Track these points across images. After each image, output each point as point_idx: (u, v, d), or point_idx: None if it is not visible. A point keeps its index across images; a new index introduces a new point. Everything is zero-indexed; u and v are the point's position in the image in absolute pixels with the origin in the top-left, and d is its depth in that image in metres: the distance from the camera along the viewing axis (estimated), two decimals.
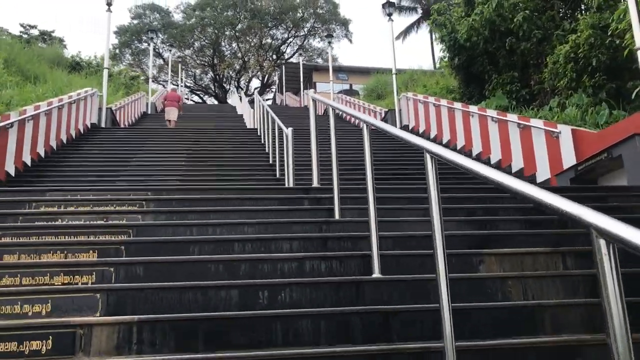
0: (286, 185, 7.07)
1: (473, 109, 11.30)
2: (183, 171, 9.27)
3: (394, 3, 16.24)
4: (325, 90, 37.49)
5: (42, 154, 9.97)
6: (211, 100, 49.69)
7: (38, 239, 4.07)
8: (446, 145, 11.59)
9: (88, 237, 4.14)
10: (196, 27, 45.12)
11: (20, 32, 27.16)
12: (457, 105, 12.03)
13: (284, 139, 8.07)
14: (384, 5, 15.63)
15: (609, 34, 9.45)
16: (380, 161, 9.89)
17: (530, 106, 12.27)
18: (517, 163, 9.55)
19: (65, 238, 4.11)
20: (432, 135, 13.00)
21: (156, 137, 12.48)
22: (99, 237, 4.14)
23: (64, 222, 4.45)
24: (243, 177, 8.85)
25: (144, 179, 8.59)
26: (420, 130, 13.76)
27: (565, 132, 8.21)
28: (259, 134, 13.13)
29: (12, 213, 4.59)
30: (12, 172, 8.54)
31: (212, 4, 45.14)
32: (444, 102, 12.78)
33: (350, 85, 38.61)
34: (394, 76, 15.29)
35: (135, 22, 45.83)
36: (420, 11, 46.07)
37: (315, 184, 5.84)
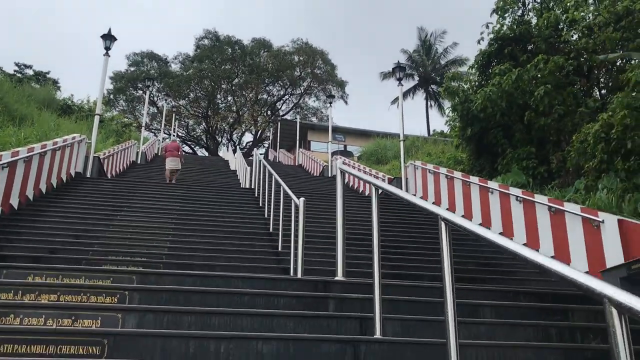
0: (292, 273, 5.96)
1: (493, 185, 10.42)
2: (171, 237, 8.15)
3: (404, 67, 15.67)
4: (320, 149, 36.94)
5: (16, 205, 8.82)
6: (202, 152, 48.91)
7: None
8: None
9: (46, 348, 3.01)
10: (193, 78, 44.86)
11: (15, 71, 26.36)
12: (474, 179, 11.14)
13: (292, 209, 7.04)
14: (394, 70, 15.04)
15: None
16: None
17: (550, 185, 11.46)
18: (546, 250, 8.57)
19: (15, 348, 2.98)
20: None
21: (143, 191, 11.38)
22: (60, 349, 3.02)
23: (17, 323, 3.31)
24: (240, 250, 7.75)
25: (125, 244, 7.44)
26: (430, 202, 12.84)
27: (610, 222, 7.27)
28: (256, 195, 12.12)
29: None
30: None
31: (211, 57, 45.08)
32: (457, 174, 11.91)
33: (345, 146, 38.10)
34: (401, 142, 14.48)
35: (132, 69, 45.51)
36: (417, 78, 46.49)
37: (339, 276, 4.73)
